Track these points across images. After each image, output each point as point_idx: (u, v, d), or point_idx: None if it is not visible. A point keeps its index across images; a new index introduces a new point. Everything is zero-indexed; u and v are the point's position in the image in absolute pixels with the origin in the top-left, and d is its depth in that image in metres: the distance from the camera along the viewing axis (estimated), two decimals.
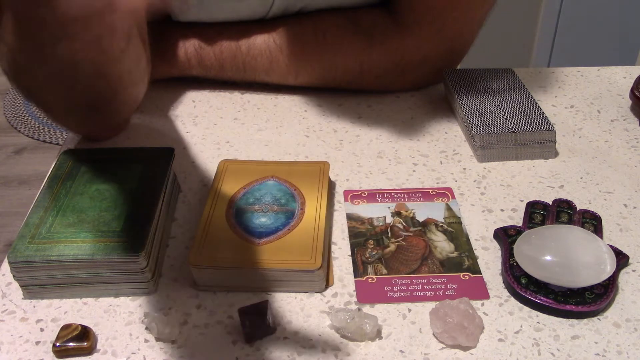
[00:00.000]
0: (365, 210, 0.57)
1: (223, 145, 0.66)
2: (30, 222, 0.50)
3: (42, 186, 0.55)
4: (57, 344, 0.45)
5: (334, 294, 0.49)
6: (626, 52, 1.96)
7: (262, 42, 0.70)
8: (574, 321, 0.47)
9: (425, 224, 0.55)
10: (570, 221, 0.54)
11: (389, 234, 0.54)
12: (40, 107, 0.60)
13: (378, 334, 0.46)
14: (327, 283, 0.50)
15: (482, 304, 0.48)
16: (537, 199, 0.58)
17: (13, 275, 0.48)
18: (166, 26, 0.71)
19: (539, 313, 0.47)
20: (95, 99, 0.59)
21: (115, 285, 0.49)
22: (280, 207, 0.54)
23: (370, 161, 0.64)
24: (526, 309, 0.48)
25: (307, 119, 0.70)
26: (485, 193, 0.59)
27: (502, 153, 0.63)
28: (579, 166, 0.63)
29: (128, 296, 0.49)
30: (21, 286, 0.49)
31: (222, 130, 0.69)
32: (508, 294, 0.49)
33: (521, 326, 0.46)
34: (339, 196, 0.59)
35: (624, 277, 0.50)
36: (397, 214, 0.56)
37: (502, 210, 0.57)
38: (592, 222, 0.54)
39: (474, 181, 0.61)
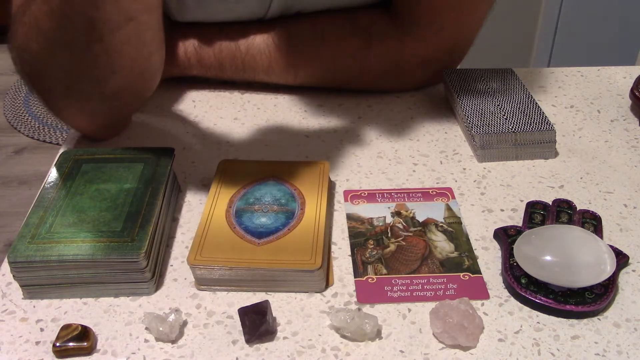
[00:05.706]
0: (365, 210, 0.57)
1: (223, 145, 0.66)
2: (30, 222, 0.50)
3: (42, 186, 0.55)
4: (57, 344, 0.45)
5: (334, 294, 0.49)
6: (626, 52, 1.96)
7: (261, 41, 0.70)
8: (574, 321, 0.47)
9: (425, 224, 0.55)
10: (570, 221, 0.54)
11: (389, 234, 0.54)
12: (40, 86, 0.58)
13: (378, 334, 0.46)
14: (327, 283, 0.50)
15: (482, 304, 0.48)
16: (537, 199, 0.58)
17: (13, 275, 0.48)
18: (165, 26, 0.71)
19: (539, 313, 0.47)
20: (92, 64, 0.55)
21: (115, 285, 0.49)
22: (280, 207, 0.54)
23: (370, 161, 0.64)
24: (526, 309, 0.48)
25: (307, 119, 0.70)
26: (485, 193, 0.59)
27: (502, 153, 0.63)
28: (579, 166, 0.63)
29: (128, 296, 0.49)
30: (21, 286, 0.49)
31: (222, 130, 0.69)
32: (508, 294, 0.49)
33: (521, 326, 0.46)
34: (339, 196, 0.59)
35: (624, 277, 0.50)
36: (397, 214, 0.56)
37: (502, 210, 0.57)
38: (592, 222, 0.54)
39: (474, 181, 0.61)
